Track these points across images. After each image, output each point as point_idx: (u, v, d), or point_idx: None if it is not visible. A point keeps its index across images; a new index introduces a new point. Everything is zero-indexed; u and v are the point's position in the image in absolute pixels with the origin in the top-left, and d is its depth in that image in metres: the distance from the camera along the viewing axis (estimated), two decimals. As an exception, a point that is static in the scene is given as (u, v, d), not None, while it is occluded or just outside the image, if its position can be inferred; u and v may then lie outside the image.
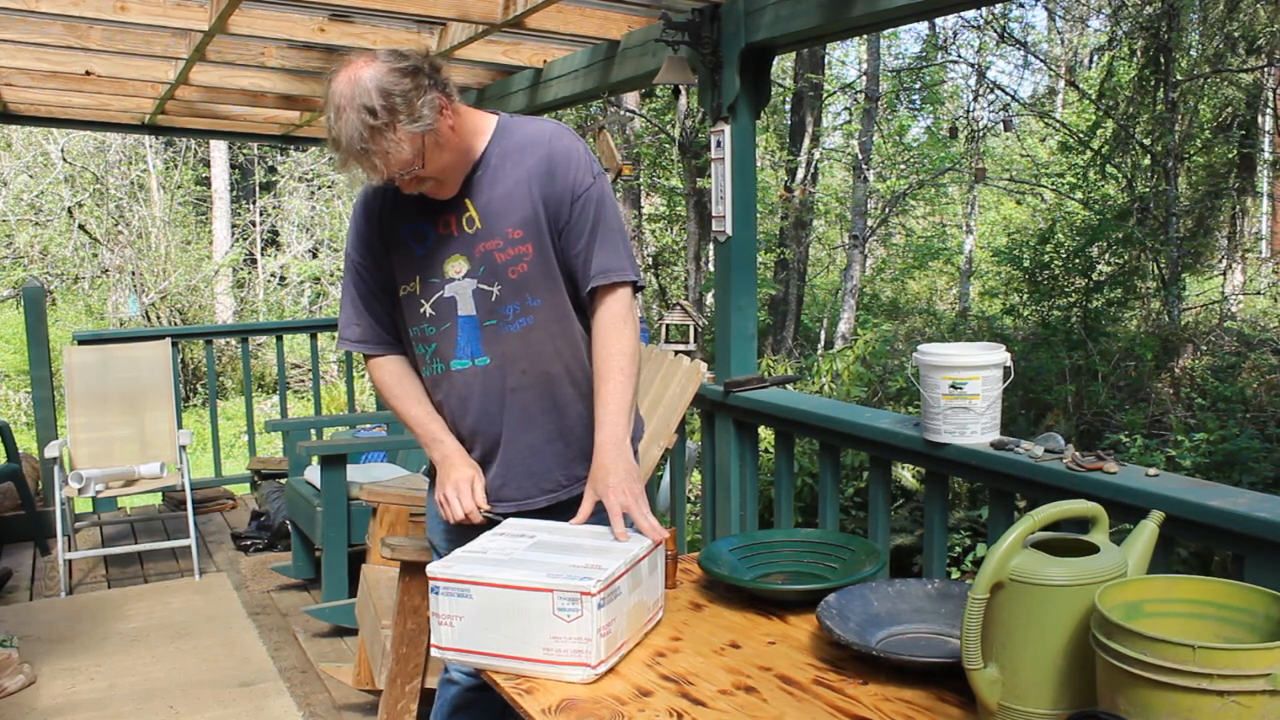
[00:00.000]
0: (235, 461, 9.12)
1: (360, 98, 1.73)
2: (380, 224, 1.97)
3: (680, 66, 3.16)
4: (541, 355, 1.95)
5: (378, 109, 1.72)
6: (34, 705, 3.35)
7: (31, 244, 14.78)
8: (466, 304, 1.93)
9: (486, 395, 1.95)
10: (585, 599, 1.51)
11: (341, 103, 1.74)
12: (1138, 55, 11.40)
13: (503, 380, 1.94)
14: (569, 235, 1.93)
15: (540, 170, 1.90)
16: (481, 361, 1.94)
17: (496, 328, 1.92)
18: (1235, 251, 13.11)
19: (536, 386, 1.95)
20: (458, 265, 1.92)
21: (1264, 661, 1.10)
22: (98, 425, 4.89)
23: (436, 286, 1.93)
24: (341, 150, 1.76)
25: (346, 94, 1.74)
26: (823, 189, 15.87)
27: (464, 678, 2.07)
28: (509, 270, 1.91)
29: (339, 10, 3.61)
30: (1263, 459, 6.92)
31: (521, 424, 1.97)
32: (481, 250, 1.91)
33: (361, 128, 1.72)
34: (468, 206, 1.91)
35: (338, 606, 3.87)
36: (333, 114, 1.75)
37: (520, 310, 1.92)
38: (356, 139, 1.73)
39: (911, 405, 8.59)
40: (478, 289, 1.92)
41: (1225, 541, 1.84)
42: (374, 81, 1.73)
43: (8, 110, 5.55)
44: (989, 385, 2.26)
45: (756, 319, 3.31)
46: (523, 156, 1.92)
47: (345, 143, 1.74)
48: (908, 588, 1.75)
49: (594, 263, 1.93)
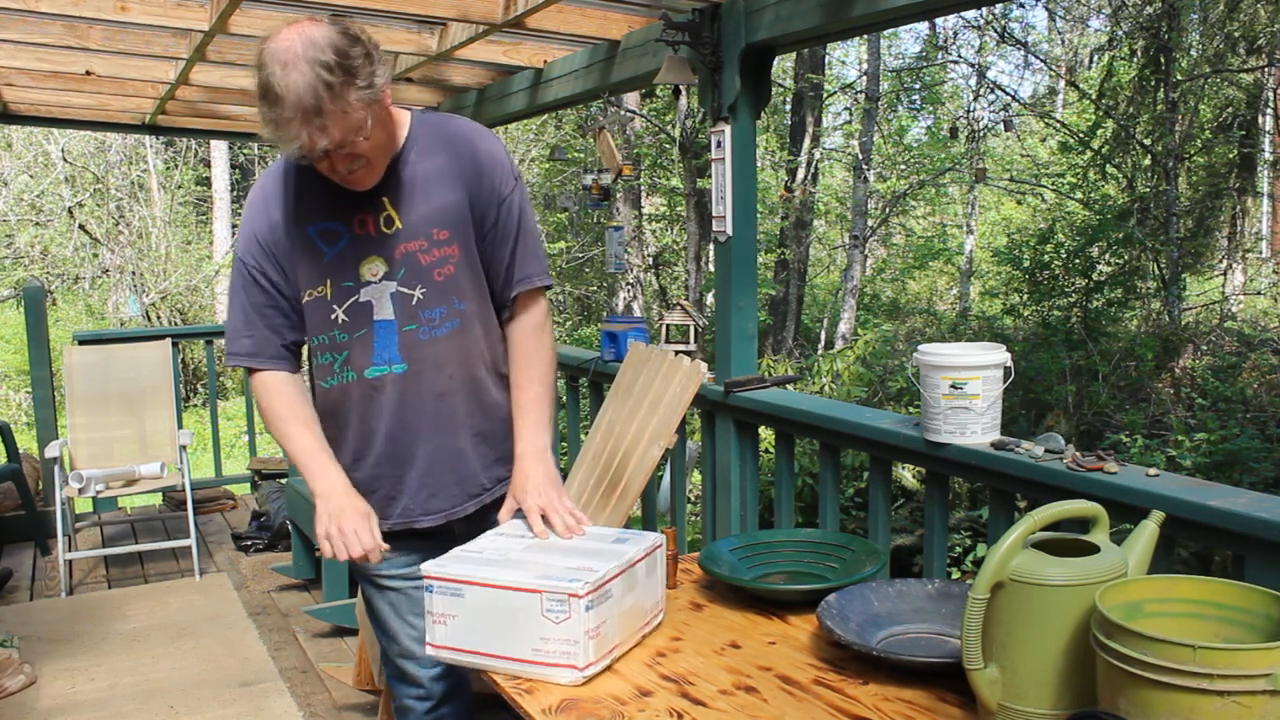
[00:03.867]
0: (235, 461, 9.13)
1: (315, 53, 1.60)
2: (284, 224, 1.82)
3: (680, 66, 3.16)
4: (469, 358, 1.88)
5: (334, 66, 1.60)
6: (34, 705, 3.35)
7: (32, 244, 14.80)
8: (384, 308, 1.82)
9: (404, 403, 1.86)
10: (573, 601, 1.50)
11: (290, 58, 1.59)
12: (1138, 55, 11.40)
13: (426, 386, 1.86)
14: (494, 239, 1.87)
15: (466, 171, 1.83)
16: (399, 368, 1.85)
17: (417, 332, 1.83)
18: (1235, 251, 13.11)
19: (464, 390, 1.89)
20: (374, 267, 1.81)
21: (1264, 661, 1.10)
22: (98, 425, 4.90)
23: (350, 291, 1.82)
24: (286, 107, 1.60)
25: (297, 49, 1.60)
26: (823, 189, 15.88)
27: (417, 703, 2.00)
28: (434, 272, 1.82)
29: (339, 10, 3.61)
30: (1263, 459, 6.92)
31: (449, 429, 1.89)
32: (403, 251, 1.81)
33: (318, 84, 1.59)
34: (385, 205, 1.81)
35: (338, 606, 3.87)
36: (277, 68, 1.59)
37: (447, 314, 1.84)
38: (309, 95, 1.59)
39: (912, 405, 8.60)
40: (397, 292, 1.82)
41: (1225, 541, 1.84)
42: (328, 40, 1.62)
43: (8, 110, 5.55)
44: (989, 385, 2.26)
45: (757, 319, 3.31)
46: (445, 155, 1.83)
47: (294, 99, 1.59)
48: (908, 588, 1.75)
49: (517, 268, 1.89)
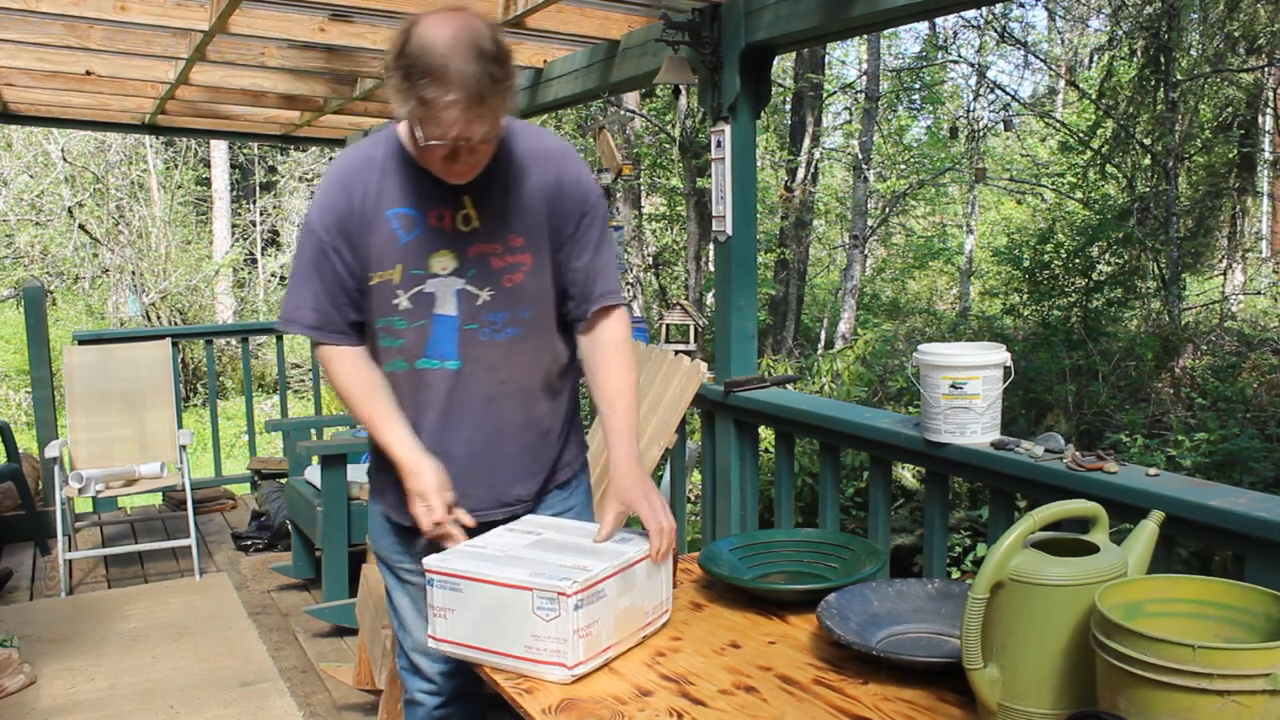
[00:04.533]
0: (235, 461, 9.12)
1: (483, 44, 1.59)
2: (363, 203, 1.81)
3: (680, 66, 3.16)
4: (523, 368, 1.88)
5: (498, 59, 1.61)
6: (34, 705, 3.35)
7: (32, 244, 14.79)
8: (447, 303, 1.82)
9: (454, 401, 1.86)
10: (562, 599, 1.51)
11: (461, 45, 1.58)
12: (1138, 55, 11.40)
13: (478, 387, 1.86)
14: (570, 250, 1.88)
15: (551, 184, 1.85)
16: (452, 364, 1.84)
17: (477, 332, 1.84)
18: (1235, 251, 13.11)
19: (515, 398, 1.89)
20: (445, 261, 1.81)
21: (1264, 661, 1.10)
22: (98, 425, 4.90)
23: (418, 279, 1.82)
24: (452, 91, 1.58)
25: (466, 37, 1.59)
26: (823, 189, 15.88)
27: (427, 698, 2.01)
28: (504, 277, 1.83)
29: (339, 10, 3.61)
30: (1263, 459, 6.92)
31: (494, 433, 1.89)
32: (476, 252, 1.82)
33: (485, 76, 1.59)
34: (466, 203, 1.81)
35: (338, 606, 3.87)
36: (448, 51, 1.57)
37: (509, 320, 1.85)
38: (476, 85, 1.58)
39: (911, 405, 8.59)
40: (463, 290, 1.82)
41: (1225, 541, 1.84)
42: (489, 34, 1.61)
43: (8, 110, 5.55)
44: (989, 385, 2.26)
45: (756, 319, 3.31)
46: (534, 167, 1.84)
47: (461, 85, 1.58)
48: (908, 588, 1.75)
49: (599, 283, 1.91)
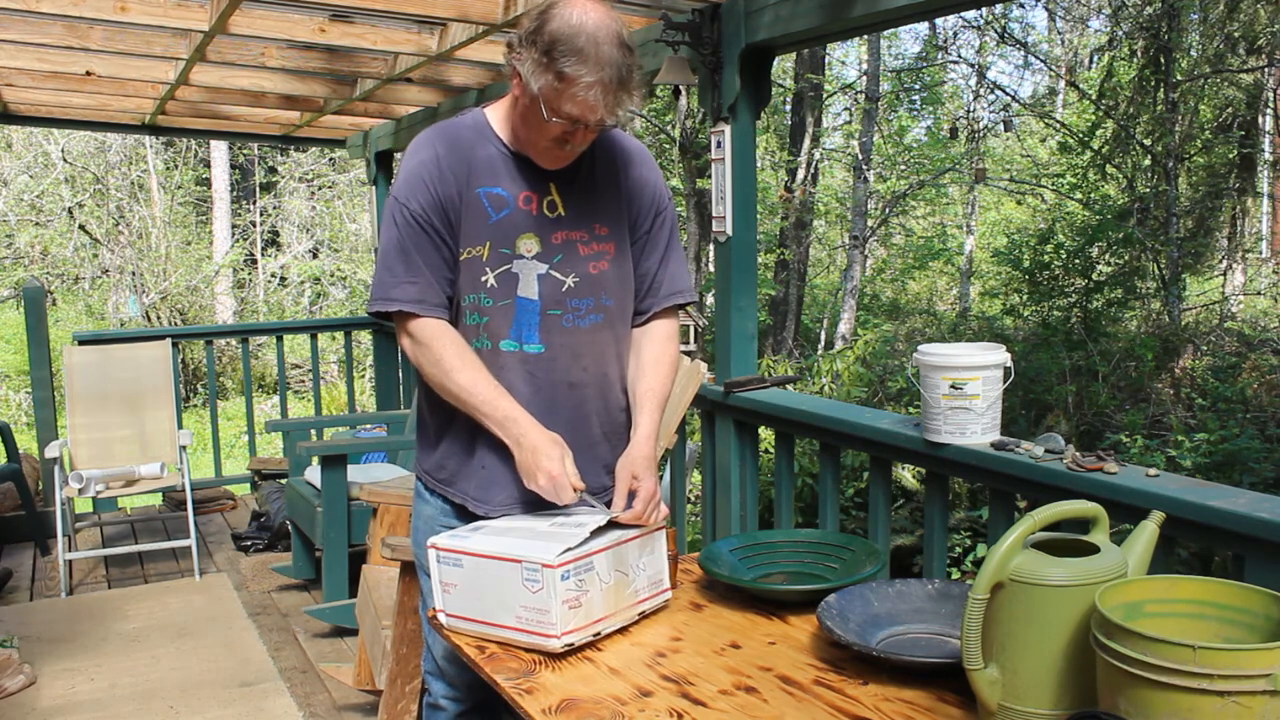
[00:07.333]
0: (235, 462, 9.12)
1: (622, 34, 1.69)
2: (455, 178, 1.83)
3: (680, 66, 3.16)
4: (604, 356, 1.92)
5: (632, 50, 1.70)
6: (34, 705, 3.35)
7: (32, 244, 14.79)
8: (529, 286, 1.84)
9: (535, 384, 1.86)
10: (546, 571, 1.58)
11: (605, 32, 1.67)
12: (1138, 55, 11.41)
13: (560, 373, 1.87)
14: (643, 246, 1.96)
15: (631, 182, 1.93)
16: (533, 348, 1.86)
17: (561, 318, 1.86)
18: (1235, 252, 13.10)
19: (595, 385, 1.91)
20: (530, 244, 1.84)
21: (1264, 661, 1.10)
22: (98, 425, 4.90)
23: (505, 259, 1.84)
24: (597, 72, 1.66)
25: (609, 25, 1.68)
26: (823, 189, 15.87)
27: (450, 704, 2.02)
28: (590, 264, 1.87)
29: (339, 10, 3.61)
30: (1263, 459, 6.91)
31: (575, 421, 1.89)
32: (562, 238, 1.86)
33: (624, 64, 1.68)
34: (552, 190, 1.86)
35: (338, 607, 3.87)
36: (596, 34, 1.66)
37: (594, 307, 1.88)
38: (618, 71, 1.68)
39: (912, 405, 8.59)
40: (548, 274, 1.85)
41: (1225, 541, 1.84)
42: (621, 26, 1.70)
43: (8, 110, 5.55)
44: (989, 385, 2.26)
45: (756, 319, 3.31)
46: (617, 162, 1.93)
47: (606, 67, 1.66)
48: (908, 588, 1.75)
49: (668, 281, 1.98)
